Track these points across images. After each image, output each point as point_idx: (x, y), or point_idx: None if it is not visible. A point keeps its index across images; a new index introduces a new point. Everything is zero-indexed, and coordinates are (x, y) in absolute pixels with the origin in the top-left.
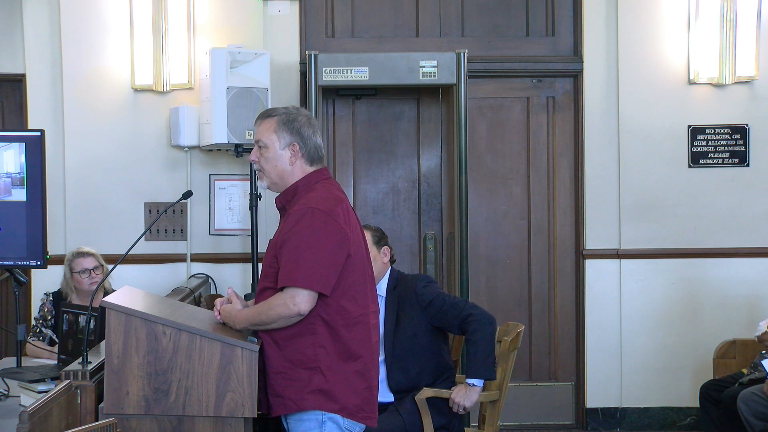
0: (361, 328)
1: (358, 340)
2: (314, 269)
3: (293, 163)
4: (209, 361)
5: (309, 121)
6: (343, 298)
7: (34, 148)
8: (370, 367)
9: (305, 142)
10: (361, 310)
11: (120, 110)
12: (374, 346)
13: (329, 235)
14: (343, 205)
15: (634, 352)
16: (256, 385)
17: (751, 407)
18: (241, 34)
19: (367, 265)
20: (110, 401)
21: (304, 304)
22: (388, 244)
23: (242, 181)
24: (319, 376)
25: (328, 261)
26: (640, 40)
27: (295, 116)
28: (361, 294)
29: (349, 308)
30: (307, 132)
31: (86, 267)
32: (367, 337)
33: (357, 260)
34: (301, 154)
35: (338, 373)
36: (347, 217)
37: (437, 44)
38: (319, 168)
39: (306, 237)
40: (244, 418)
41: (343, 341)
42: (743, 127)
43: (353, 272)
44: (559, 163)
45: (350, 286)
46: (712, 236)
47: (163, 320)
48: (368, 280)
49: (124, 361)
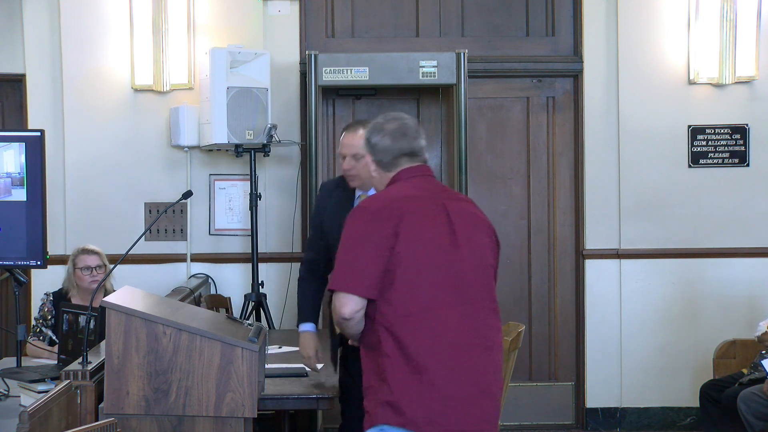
0: (427, 332)
1: (426, 348)
2: (350, 271)
3: (372, 173)
4: (209, 361)
5: (389, 125)
6: (395, 300)
7: (34, 148)
8: (441, 373)
9: (374, 150)
10: (426, 314)
11: (120, 110)
12: (456, 354)
13: (368, 234)
14: (406, 202)
15: (634, 352)
16: (256, 385)
17: (751, 407)
18: (241, 34)
19: (450, 268)
20: (110, 401)
21: (344, 307)
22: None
23: (242, 181)
24: (386, 387)
25: (365, 261)
26: (640, 40)
27: (374, 125)
28: (431, 298)
29: (405, 311)
30: (375, 139)
31: (89, 264)
32: (439, 344)
33: (413, 259)
34: (374, 162)
35: (405, 384)
36: (400, 214)
37: (437, 44)
38: (405, 168)
39: (346, 238)
40: (244, 418)
41: (406, 349)
42: (743, 127)
43: (408, 271)
44: (559, 163)
45: (403, 286)
46: (712, 236)
47: (164, 320)
48: (451, 284)
49: (124, 361)
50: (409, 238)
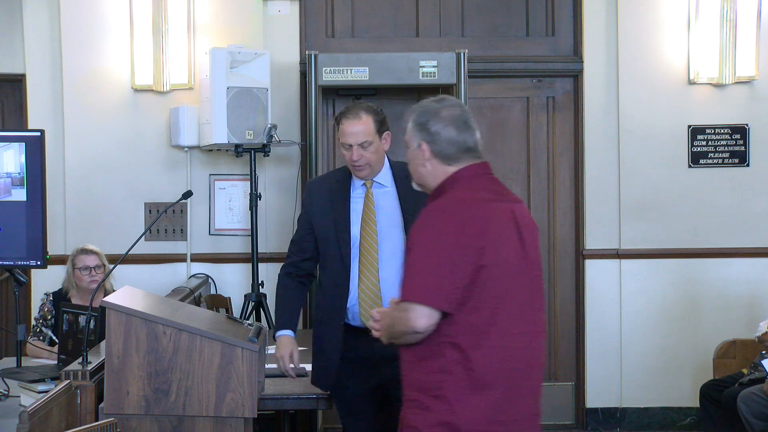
0: (499, 351)
1: (493, 366)
2: (430, 281)
3: (426, 163)
4: (209, 361)
5: (450, 112)
6: (473, 314)
7: (34, 148)
8: (510, 399)
9: (434, 139)
10: (501, 330)
11: (120, 110)
12: (516, 373)
13: (452, 241)
14: (483, 207)
15: (634, 352)
16: (256, 385)
17: (751, 407)
18: (241, 34)
19: (523, 277)
20: (110, 401)
21: (419, 320)
22: (389, 126)
23: (242, 181)
24: (444, 407)
25: (449, 272)
26: (640, 40)
27: (429, 110)
28: (502, 311)
29: (481, 327)
30: (437, 127)
31: (88, 264)
32: (506, 362)
33: (497, 271)
34: (431, 153)
35: (466, 403)
36: (484, 221)
37: (437, 44)
38: (470, 164)
39: (426, 243)
40: (244, 418)
41: (473, 367)
42: (743, 127)
43: (490, 284)
44: (559, 163)
45: (484, 301)
46: (712, 236)
47: (164, 320)
48: (522, 296)
49: (124, 361)
50: (492, 250)
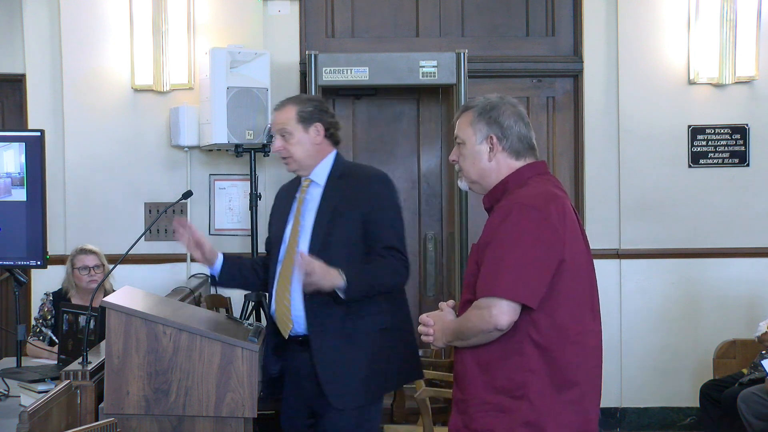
0: (578, 348)
1: (575, 364)
2: (517, 276)
3: (493, 158)
4: (209, 361)
5: (514, 109)
6: (555, 311)
7: (34, 148)
8: (588, 396)
9: (506, 133)
10: (579, 327)
11: (120, 110)
12: (593, 371)
13: (539, 235)
14: (559, 203)
15: (633, 352)
16: (256, 385)
17: (751, 407)
18: (241, 34)
19: (588, 274)
20: (110, 401)
21: (503, 316)
22: (326, 120)
23: (242, 181)
24: (526, 406)
25: (535, 267)
26: (640, 40)
27: (495, 105)
28: (578, 308)
29: (562, 324)
30: (509, 121)
31: (87, 264)
32: (585, 360)
33: (573, 267)
34: (501, 147)
35: (549, 402)
36: (562, 216)
37: (437, 44)
38: (533, 162)
39: (511, 238)
40: (244, 418)
41: (555, 364)
42: (743, 127)
43: (569, 280)
44: (559, 163)
45: (565, 297)
46: (712, 236)
47: (164, 320)
48: (589, 293)
49: (125, 361)
50: (570, 244)
